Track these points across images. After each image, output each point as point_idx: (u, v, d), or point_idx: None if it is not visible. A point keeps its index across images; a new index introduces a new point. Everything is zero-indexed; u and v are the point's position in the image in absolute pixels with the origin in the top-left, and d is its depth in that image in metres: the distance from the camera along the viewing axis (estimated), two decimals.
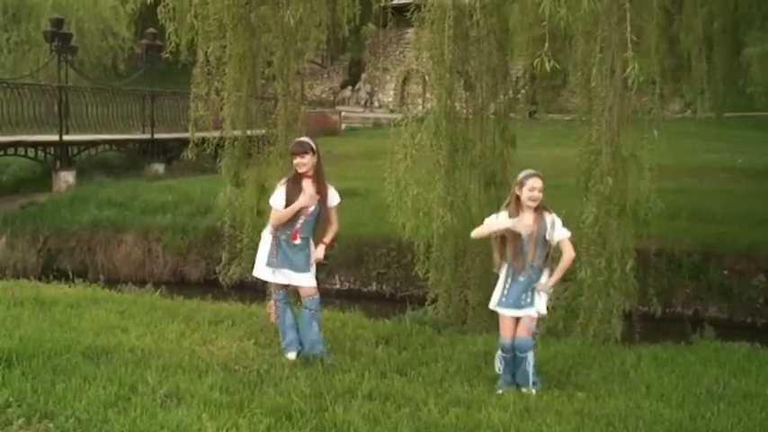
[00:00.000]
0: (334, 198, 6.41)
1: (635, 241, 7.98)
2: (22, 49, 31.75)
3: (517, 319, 5.93)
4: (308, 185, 6.28)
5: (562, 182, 8.70)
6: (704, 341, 8.15)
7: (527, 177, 5.86)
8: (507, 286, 5.97)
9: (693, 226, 14.23)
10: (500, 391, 5.87)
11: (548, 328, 7.48)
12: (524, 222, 5.87)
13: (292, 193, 6.25)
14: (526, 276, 5.91)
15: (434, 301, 8.69)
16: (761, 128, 27.96)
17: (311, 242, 6.41)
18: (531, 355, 5.91)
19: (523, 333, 5.90)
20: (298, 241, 6.28)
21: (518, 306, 5.92)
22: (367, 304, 11.57)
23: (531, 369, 5.89)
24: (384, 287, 14.76)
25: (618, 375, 6.35)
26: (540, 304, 5.93)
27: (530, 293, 5.90)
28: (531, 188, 5.83)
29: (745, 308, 12.96)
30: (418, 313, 8.77)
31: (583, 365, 6.58)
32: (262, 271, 6.43)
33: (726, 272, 13.25)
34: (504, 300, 5.97)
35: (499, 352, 6.04)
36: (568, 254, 5.94)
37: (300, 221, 6.27)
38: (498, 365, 6.04)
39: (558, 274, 5.95)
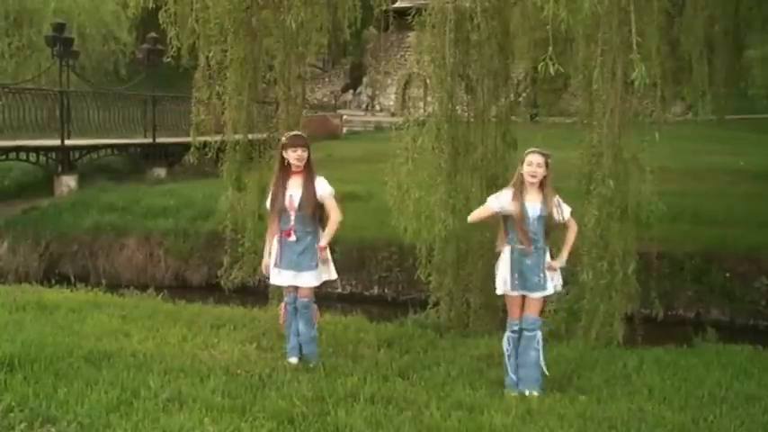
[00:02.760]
0: (322, 187, 6.23)
1: (637, 244, 7.98)
2: (23, 53, 31.83)
3: (524, 298, 5.97)
4: (296, 181, 6.21)
5: (564, 185, 8.67)
6: (706, 344, 8.15)
7: (527, 153, 5.95)
8: (517, 268, 5.95)
9: (695, 228, 14.22)
10: (513, 393, 5.86)
11: (550, 331, 7.47)
12: (530, 200, 5.92)
13: (279, 195, 6.21)
14: (535, 257, 5.92)
15: (436, 304, 8.69)
16: (762, 130, 27.91)
17: (318, 236, 6.27)
18: (540, 335, 5.93)
19: (533, 311, 5.95)
20: (293, 238, 6.16)
21: (531, 289, 5.95)
22: (369, 308, 11.57)
23: (540, 351, 5.90)
24: (386, 291, 14.76)
25: (620, 378, 6.34)
26: (556, 283, 6.02)
27: (541, 275, 5.91)
28: (530, 163, 5.89)
29: (747, 310, 12.94)
30: (420, 317, 8.77)
31: (585, 368, 6.57)
32: (272, 273, 6.37)
33: (728, 274, 13.23)
34: (516, 283, 5.96)
35: (508, 333, 6.06)
36: (574, 229, 6.11)
37: (292, 218, 6.18)
38: (506, 346, 6.05)
39: (566, 249, 6.02)
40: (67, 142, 20.04)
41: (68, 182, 19.75)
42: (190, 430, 4.63)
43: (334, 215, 6.22)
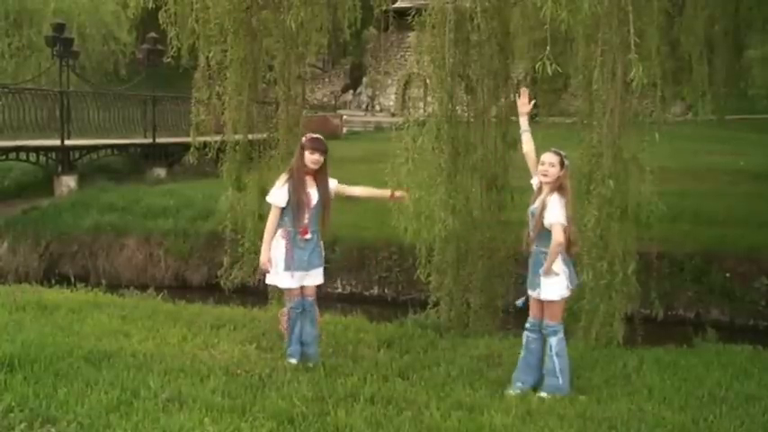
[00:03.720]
0: (333, 183, 6.42)
1: (637, 244, 7.98)
2: (23, 54, 31.83)
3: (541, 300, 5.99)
4: (309, 181, 6.24)
5: None
6: (706, 344, 8.15)
7: (544, 153, 5.95)
8: (529, 267, 6.06)
9: (695, 229, 14.22)
10: (517, 391, 5.86)
11: None
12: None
13: (299, 191, 6.17)
14: (533, 255, 5.96)
15: (436, 304, 8.68)
16: (762, 130, 27.90)
17: (320, 236, 6.37)
18: (554, 342, 5.90)
19: (546, 316, 5.96)
20: (309, 236, 6.20)
21: (531, 287, 5.99)
22: (369, 308, 11.56)
23: (554, 358, 5.88)
24: (386, 291, 14.76)
25: (620, 378, 6.34)
26: (545, 290, 5.89)
27: (540, 275, 5.90)
28: (542, 162, 5.92)
29: (747, 310, 12.94)
30: (420, 317, 8.77)
31: (585, 368, 6.57)
32: (280, 277, 6.25)
33: (728, 274, 13.23)
34: (528, 280, 6.06)
35: (525, 331, 6.12)
36: (553, 240, 5.78)
37: (307, 216, 6.20)
38: (524, 342, 6.09)
39: (547, 260, 5.86)
40: (67, 142, 20.04)
41: (68, 182, 19.74)
42: (190, 430, 4.63)
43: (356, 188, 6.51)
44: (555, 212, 5.81)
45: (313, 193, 6.23)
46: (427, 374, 6.25)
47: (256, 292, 10.08)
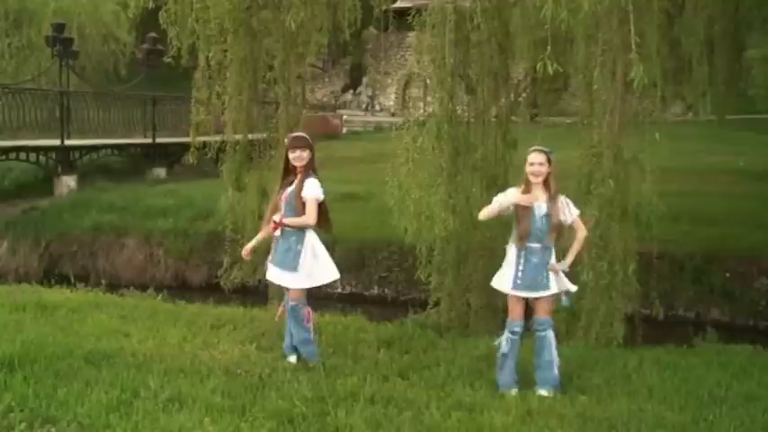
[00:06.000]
0: (307, 189, 6.08)
1: (637, 244, 7.98)
2: (23, 53, 31.86)
3: (526, 300, 5.95)
4: (296, 179, 6.19)
5: (564, 185, 8.68)
6: (706, 344, 8.15)
7: (529, 152, 5.92)
8: (521, 268, 5.92)
9: (695, 229, 14.22)
10: (513, 392, 5.85)
11: None
12: (538, 199, 5.88)
13: (278, 190, 6.24)
14: (540, 256, 5.89)
15: (436, 304, 8.69)
16: (762, 130, 27.90)
17: (304, 240, 6.15)
18: (551, 336, 5.93)
19: (542, 312, 5.94)
20: (278, 232, 6.15)
21: (534, 288, 5.91)
22: (369, 308, 11.55)
23: (552, 351, 5.91)
24: (386, 291, 14.77)
25: (620, 378, 6.34)
26: (564, 282, 5.94)
27: (545, 274, 5.88)
28: (531, 162, 5.87)
29: (747, 310, 12.95)
30: (420, 317, 8.77)
31: (585, 368, 6.56)
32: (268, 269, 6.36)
33: (728, 274, 13.24)
34: (519, 282, 5.93)
35: (507, 334, 6.02)
36: (583, 231, 6.01)
37: (282, 212, 6.14)
38: (505, 347, 6.00)
39: (573, 252, 5.93)
40: (67, 142, 20.06)
41: (68, 182, 19.77)
42: (190, 430, 4.63)
43: (305, 217, 6.08)
44: (573, 208, 5.92)
45: (288, 190, 6.16)
46: (427, 374, 6.24)
47: (256, 292, 10.09)
